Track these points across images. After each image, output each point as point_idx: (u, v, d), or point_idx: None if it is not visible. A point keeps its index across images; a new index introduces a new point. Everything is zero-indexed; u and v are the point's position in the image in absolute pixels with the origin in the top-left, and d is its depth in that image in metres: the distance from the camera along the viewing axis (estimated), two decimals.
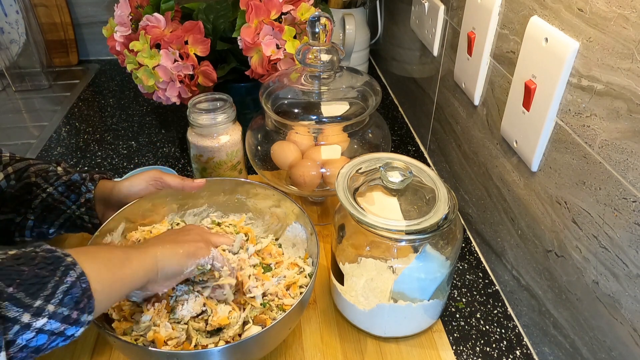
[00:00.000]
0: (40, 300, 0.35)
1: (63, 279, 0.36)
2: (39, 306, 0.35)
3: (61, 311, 0.36)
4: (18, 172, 0.62)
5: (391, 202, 0.57)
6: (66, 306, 0.36)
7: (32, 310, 0.34)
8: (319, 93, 0.72)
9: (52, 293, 0.36)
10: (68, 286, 0.37)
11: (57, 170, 0.64)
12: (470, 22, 0.70)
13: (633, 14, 0.40)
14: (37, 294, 0.35)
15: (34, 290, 0.35)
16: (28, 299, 0.34)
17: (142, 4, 0.86)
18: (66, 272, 0.37)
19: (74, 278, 0.37)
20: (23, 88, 1.27)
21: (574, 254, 0.51)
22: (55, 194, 0.62)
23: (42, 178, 0.62)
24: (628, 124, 0.42)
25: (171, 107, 1.12)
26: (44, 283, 0.35)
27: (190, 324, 0.53)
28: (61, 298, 0.36)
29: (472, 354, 0.60)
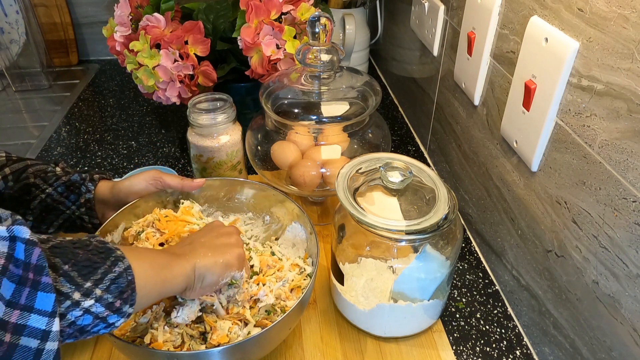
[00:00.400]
0: (90, 283, 0.37)
1: (112, 268, 0.38)
2: (89, 288, 0.36)
3: (107, 297, 0.37)
4: (16, 172, 0.61)
5: (391, 202, 0.57)
6: (112, 293, 0.38)
7: (82, 290, 0.36)
8: (319, 93, 0.72)
9: (101, 278, 0.37)
10: (115, 275, 0.38)
11: (56, 170, 0.64)
12: (470, 22, 0.70)
13: (633, 14, 0.40)
14: (88, 276, 0.37)
15: (85, 272, 0.37)
16: (80, 278, 0.36)
17: (142, 4, 0.86)
18: (115, 263, 0.39)
19: (122, 269, 0.39)
20: (23, 88, 1.27)
21: (574, 254, 0.51)
22: (54, 194, 0.62)
23: (41, 179, 0.62)
24: (628, 124, 0.42)
25: (171, 107, 1.12)
26: (95, 268, 0.37)
27: (185, 330, 0.52)
28: (108, 285, 0.38)
29: (472, 354, 0.60)
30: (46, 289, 0.33)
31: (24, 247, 0.32)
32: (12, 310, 0.31)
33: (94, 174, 0.65)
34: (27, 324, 0.32)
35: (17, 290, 0.32)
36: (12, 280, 0.31)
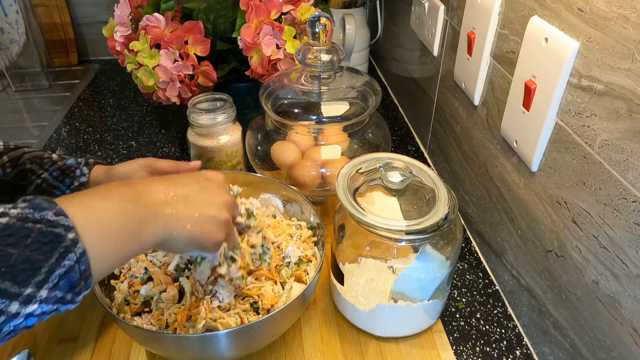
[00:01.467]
0: (31, 288, 0.32)
1: (60, 262, 0.33)
2: (30, 294, 0.32)
3: (55, 294, 0.33)
4: (13, 160, 0.62)
5: (391, 202, 0.57)
6: (61, 289, 0.34)
7: (22, 298, 0.32)
8: (319, 93, 0.72)
9: (46, 278, 0.32)
10: (65, 270, 0.33)
11: (52, 156, 0.64)
12: (470, 22, 0.70)
13: (633, 14, 0.40)
14: (28, 281, 0.32)
15: (23, 278, 0.31)
16: (16, 287, 0.31)
17: (142, 4, 0.86)
18: (65, 255, 0.33)
19: (73, 261, 0.34)
20: (23, 88, 1.27)
21: (574, 254, 0.51)
22: (49, 179, 0.62)
23: (37, 164, 0.62)
24: (628, 124, 0.42)
25: (171, 107, 1.12)
26: (36, 268, 0.32)
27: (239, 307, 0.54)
28: (56, 282, 0.33)
29: (472, 354, 0.60)
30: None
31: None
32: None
33: (89, 158, 0.65)
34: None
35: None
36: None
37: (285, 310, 0.51)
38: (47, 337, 0.62)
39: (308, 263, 0.62)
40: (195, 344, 0.49)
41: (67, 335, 0.62)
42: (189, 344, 0.49)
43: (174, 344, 0.50)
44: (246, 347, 0.54)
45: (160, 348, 0.53)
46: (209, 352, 0.51)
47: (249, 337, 0.51)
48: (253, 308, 0.56)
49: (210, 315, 0.52)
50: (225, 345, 0.50)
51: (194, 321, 0.52)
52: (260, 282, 0.58)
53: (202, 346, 0.50)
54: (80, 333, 0.62)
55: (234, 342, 0.51)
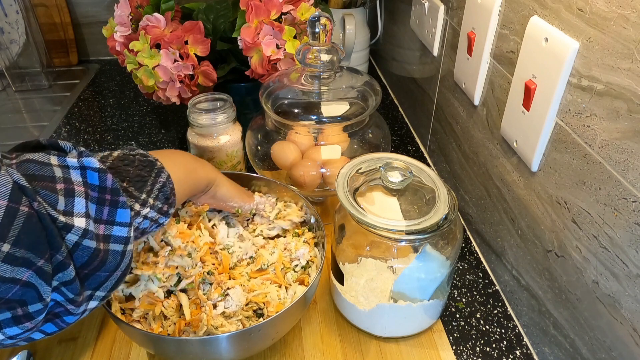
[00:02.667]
0: (144, 194, 0.43)
1: (157, 179, 0.44)
2: (144, 199, 0.43)
3: (157, 204, 0.44)
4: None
5: (391, 202, 0.57)
6: (160, 200, 0.44)
7: (140, 201, 0.42)
8: (319, 93, 0.72)
9: (151, 189, 0.44)
10: (161, 185, 0.45)
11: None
12: (470, 22, 0.70)
13: (633, 14, 0.40)
14: (142, 189, 0.43)
15: (139, 186, 0.43)
16: (137, 192, 0.42)
17: (142, 4, 0.86)
18: (159, 174, 0.45)
19: (164, 179, 0.45)
20: (23, 88, 1.27)
21: (574, 254, 0.51)
22: None
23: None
24: (628, 124, 0.42)
25: (171, 107, 1.12)
26: (144, 181, 0.43)
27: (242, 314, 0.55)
28: (157, 194, 0.44)
29: (472, 354, 0.60)
30: (124, 206, 0.39)
31: (97, 174, 0.38)
32: (99, 225, 0.38)
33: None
34: (112, 234, 0.38)
35: (99, 210, 0.38)
36: (92, 202, 0.37)
37: (286, 313, 0.51)
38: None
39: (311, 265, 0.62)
40: (196, 346, 0.49)
41: (67, 336, 0.62)
42: (190, 346, 0.49)
43: (175, 346, 0.50)
44: (247, 349, 0.54)
45: (161, 351, 0.53)
46: (210, 355, 0.51)
47: (249, 340, 0.51)
48: (256, 314, 0.56)
49: (212, 322, 0.52)
50: (226, 348, 0.50)
51: (195, 327, 0.52)
52: (265, 286, 0.57)
53: (203, 349, 0.50)
54: (80, 333, 0.62)
55: (235, 345, 0.51)
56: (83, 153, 0.38)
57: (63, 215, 0.35)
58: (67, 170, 0.37)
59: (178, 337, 0.50)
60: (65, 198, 0.35)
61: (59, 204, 0.35)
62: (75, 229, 0.35)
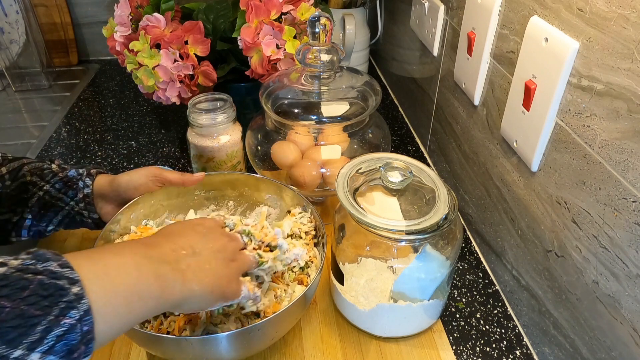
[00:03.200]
0: (20, 350, 0.27)
1: (60, 320, 0.29)
2: (18, 356, 0.27)
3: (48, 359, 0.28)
4: (12, 172, 0.61)
5: (391, 202, 0.57)
6: (56, 354, 0.28)
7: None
8: (319, 93, 0.72)
9: (40, 339, 0.28)
10: (64, 330, 0.29)
11: (52, 167, 0.64)
12: (470, 22, 0.70)
13: (633, 14, 0.40)
14: (19, 341, 0.27)
15: (14, 336, 0.27)
16: (4, 347, 0.27)
17: (142, 4, 0.86)
18: (65, 311, 0.29)
19: (75, 320, 0.29)
20: (23, 88, 1.27)
21: (574, 254, 0.51)
22: (52, 191, 0.62)
23: (38, 176, 0.62)
24: (628, 124, 0.42)
25: (171, 107, 1.12)
26: (30, 325, 0.28)
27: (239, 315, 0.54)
28: (52, 345, 0.28)
29: (472, 354, 0.60)
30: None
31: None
32: None
33: (91, 169, 0.65)
34: None
35: None
36: None
37: (286, 312, 0.51)
38: None
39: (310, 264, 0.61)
40: (195, 346, 0.49)
41: None
42: (190, 346, 0.49)
43: (175, 346, 0.50)
44: (247, 349, 0.54)
45: (160, 350, 0.53)
46: (210, 354, 0.51)
47: (249, 340, 0.51)
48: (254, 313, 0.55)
49: (211, 319, 0.52)
50: (226, 348, 0.50)
51: (194, 325, 0.52)
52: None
53: (202, 349, 0.50)
54: None
55: (235, 344, 0.51)
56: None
57: None
58: None
59: (177, 337, 0.50)
60: None
61: None
62: None
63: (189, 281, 0.39)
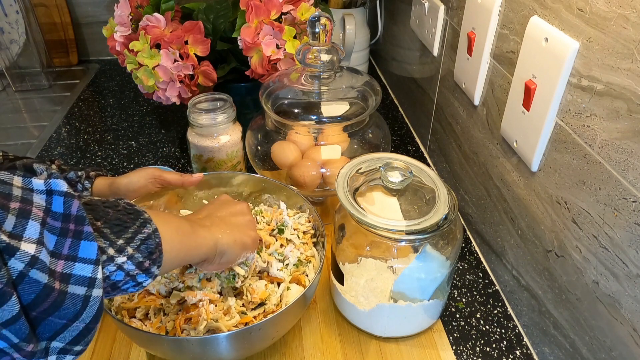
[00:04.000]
0: (122, 240, 0.37)
1: (141, 229, 0.38)
2: (121, 245, 0.37)
3: (137, 256, 0.38)
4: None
5: (391, 202, 0.57)
6: (142, 253, 0.38)
7: (116, 246, 0.36)
8: (319, 93, 0.72)
9: (132, 238, 0.38)
10: (145, 236, 0.38)
11: (52, 168, 0.64)
12: (470, 22, 0.70)
13: (633, 14, 0.40)
14: (120, 234, 0.37)
15: (117, 230, 0.37)
16: (113, 236, 0.36)
17: (142, 4, 0.86)
18: (144, 224, 0.39)
19: (150, 231, 0.39)
20: (23, 88, 1.27)
21: (574, 254, 0.51)
22: None
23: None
24: (628, 124, 0.42)
25: (171, 107, 1.12)
26: (125, 227, 0.38)
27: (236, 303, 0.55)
28: (138, 245, 0.38)
29: (472, 354, 0.60)
30: (89, 238, 0.33)
31: (62, 199, 0.33)
32: (57, 260, 0.32)
33: (90, 172, 0.64)
34: (72, 272, 0.32)
35: (59, 242, 0.32)
36: (53, 233, 0.32)
37: (286, 312, 0.51)
38: None
39: (307, 264, 0.61)
40: (195, 346, 0.49)
41: None
42: (189, 346, 0.49)
43: (174, 346, 0.50)
44: (247, 349, 0.54)
45: (160, 351, 0.53)
46: (210, 354, 0.51)
47: (249, 340, 0.51)
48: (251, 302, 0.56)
49: (212, 315, 0.52)
50: (225, 348, 0.50)
51: (195, 323, 0.52)
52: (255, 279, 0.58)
53: (202, 349, 0.50)
54: None
55: (234, 344, 0.51)
56: (52, 175, 0.34)
57: (8, 237, 0.29)
58: (30, 192, 0.32)
59: (177, 337, 0.50)
60: (17, 218, 0.30)
61: (6, 222, 0.29)
62: (21, 253, 0.29)
63: (214, 232, 0.48)
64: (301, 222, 0.65)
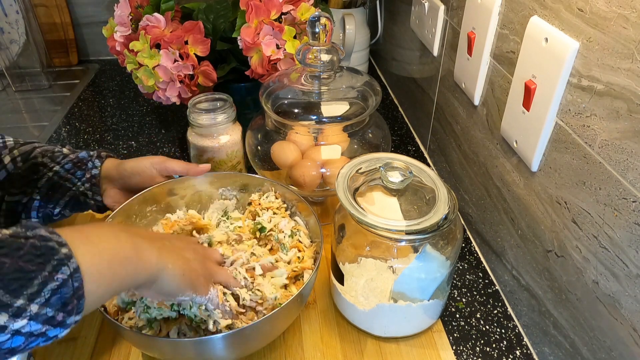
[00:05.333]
0: (22, 300, 0.30)
1: (53, 275, 0.32)
2: (20, 306, 0.30)
3: (45, 312, 0.32)
4: (24, 154, 0.63)
5: (391, 202, 0.57)
6: (52, 307, 0.32)
7: (11, 310, 0.30)
8: (319, 93, 0.72)
9: (38, 291, 0.31)
10: (58, 284, 0.32)
11: (63, 150, 0.65)
12: (470, 22, 0.70)
13: (633, 14, 0.40)
14: (20, 292, 0.30)
15: (15, 287, 0.30)
16: (7, 297, 0.30)
17: (142, 4, 0.86)
18: (58, 268, 0.32)
19: (66, 275, 0.32)
20: (23, 88, 1.27)
21: (574, 254, 0.51)
22: (61, 171, 0.63)
23: (49, 157, 0.63)
24: (628, 124, 0.42)
25: (171, 107, 1.12)
26: (29, 279, 0.31)
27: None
28: (48, 297, 0.31)
29: (472, 354, 0.60)
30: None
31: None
32: None
33: (101, 152, 0.66)
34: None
35: None
36: None
37: (282, 311, 0.51)
38: None
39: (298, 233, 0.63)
40: (191, 348, 0.49)
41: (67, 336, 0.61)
42: (185, 348, 0.49)
43: (171, 348, 0.50)
44: (243, 349, 0.54)
45: (157, 352, 0.53)
46: (206, 355, 0.51)
47: (245, 340, 0.51)
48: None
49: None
50: (221, 348, 0.50)
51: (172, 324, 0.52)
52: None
53: (198, 350, 0.50)
54: (80, 333, 0.62)
55: (230, 344, 0.51)
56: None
57: None
58: None
59: (173, 339, 0.50)
60: None
61: None
62: None
63: (164, 257, 0.42)
64: (272, 201, 0.66)
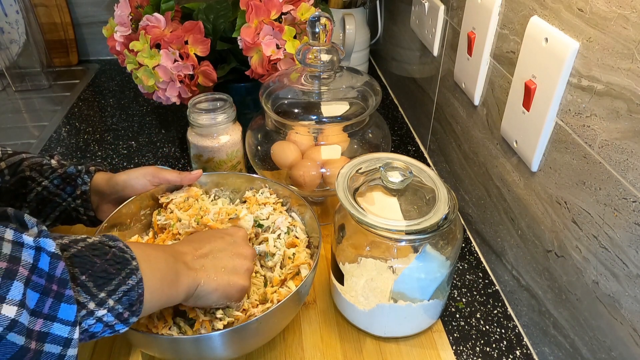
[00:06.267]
0: (104, 293, 0.38)
1: (125, 280, 0.39)
2: (102, 298, 0.38)
3: (117, 308, 0.39)
4: (12, 166, 0.62)
5: (391, 202, 0.57)
6: (122, 305, 0.39)
7: (97, 300, 0.37)
8: (319, 93, 0.72)
9: (114, 290, 0.39)
10: (128, 288, 0.40)
11: (52, 163, 0.64)
12: (470, 22, 0.70)
13: (633, 14, 0.40)
14: (103, 287, 0.38)
15: (101, 283, 0.38)
16: (95, 289, 0.38)
17: (142, 4, 0.86)
18: (129, 275, 0.40)
19: (134, 282, 0.40)
20: (23, 88, 1.27)
21: (574, 254, 0.51)
22: (50, 187, 0.62)
23: (37, 172, 0.62)
24: (628, 124, 0.42)
25: (171, 107, 1.12)
26: (110, 279, 0.39)
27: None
28: (120, 296, 0.39)
29: (472, 354, 0.60)
30: (69, 301, 0.35)
31: (49, 259, 0.34)
32: (37, 319, 0.33)
33: (89, 166, 0.65)
34: (50, 331, 0.33)
35: (41, 300, 0.33)
36: (36, 290, 0.33)
37: (279, 309, 0.51)
38: None
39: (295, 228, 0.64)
40: (189, 345, 0.49)
41: None
42: (184, 345, 0.49)
43: (169, 345, 0.50)
44: (242, 347, 0.54)
45: (156, 350, 0.53)
46: (205, 353, 0.51)
47: (243, 338, 0.51)
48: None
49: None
50: (220, 346, 0.50)
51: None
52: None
53: (196, 348, 0.50)
54: None
55: (229, 342, 0.51)
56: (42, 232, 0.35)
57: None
58: (20, 248, 0.33)
59: (171, 336, 0.50)
60: (2, 279, 0.31)
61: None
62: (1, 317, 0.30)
63: (198, 277, 0.48)
64: (267, 196, 0.67)
